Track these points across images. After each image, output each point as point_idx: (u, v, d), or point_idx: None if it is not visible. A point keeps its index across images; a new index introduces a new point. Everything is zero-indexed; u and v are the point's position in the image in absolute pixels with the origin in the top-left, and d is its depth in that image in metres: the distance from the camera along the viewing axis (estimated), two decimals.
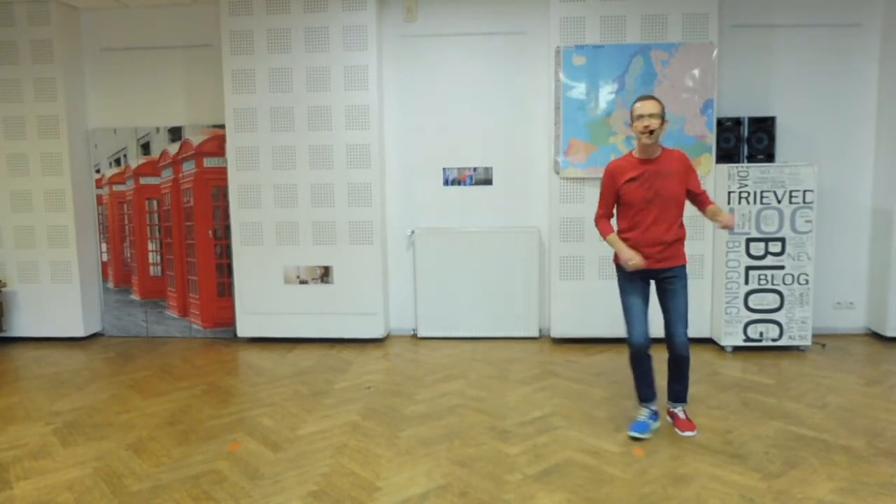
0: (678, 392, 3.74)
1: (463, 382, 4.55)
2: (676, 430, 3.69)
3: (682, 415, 3.75)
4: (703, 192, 3.60)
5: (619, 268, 3.64)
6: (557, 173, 5.35)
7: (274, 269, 5.62)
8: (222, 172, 5.74)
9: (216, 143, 5.75)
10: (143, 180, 5.95)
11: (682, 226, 3.58)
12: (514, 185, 5.72)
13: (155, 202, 5.97)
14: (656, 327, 3.70)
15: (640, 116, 3.42)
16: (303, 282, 5.62)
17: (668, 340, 3.65)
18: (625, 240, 3.57)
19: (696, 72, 5.19)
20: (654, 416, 3.75)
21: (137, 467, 3.35)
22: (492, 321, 5.65)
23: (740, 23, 5.46)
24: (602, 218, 3.66)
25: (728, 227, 3.46)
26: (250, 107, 5.50)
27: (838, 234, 5.60)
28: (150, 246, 6.01)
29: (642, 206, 3.50)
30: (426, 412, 4.01)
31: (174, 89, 5.91)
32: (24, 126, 5.69)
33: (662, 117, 3.44)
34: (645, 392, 3.72)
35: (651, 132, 3.40)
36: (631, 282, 3.62)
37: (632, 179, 3.50)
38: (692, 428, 3.67)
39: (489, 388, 4.45)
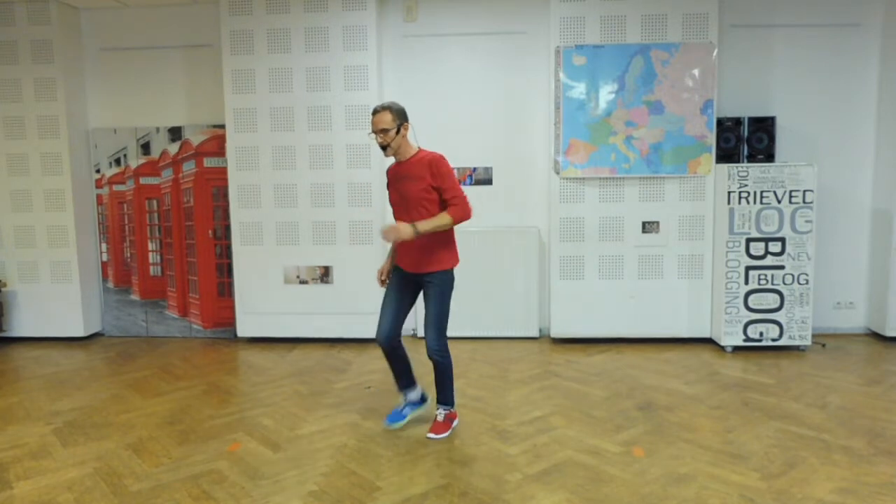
0: (438, 394, 3.73)
1: (463, 382, 4.55)
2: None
3: (439, 416, 3.73)
4: (452, 198, 3.41)
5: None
6: (557, 173, 5.35)
7: (274, 269, 5.62)
8: (222, 172, 5.74)
9: (216, 143, 5.75)
10: (143, 180, 5.95)
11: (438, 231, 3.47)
12: (514, 185, 5.72)
13: (155, 202, 5.97)
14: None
15: (373, 133, 3.47)
16: (303, 282, 5.62)
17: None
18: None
19: (696, 72, 5.19)
20: (412, 405, 3.84)
21: (137, 467, 3.35)
22: (492, 321, 5.65)
23: (740, 23, 5.46)
24: None
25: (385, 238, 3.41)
26: (250, 107, 5.50)
27: (838, 234, 5.60)
28: (150, 246, 6.01)
29: (395, 208, 3.57)
30: (426, 412, 4.00)
31: (174, 89, 5.91)
32: (24, 126, 5.69)
33: (397, 127, 3.43)
34: (398, 382, 3.81)
35: (385, 147, 3.46)
36: (394, 277, 3.70)
37: (389, 182, 3.60)
38: (437, 431, 3.66)
39: (489, 388, 4.44)
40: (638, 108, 5.24)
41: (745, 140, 5.34)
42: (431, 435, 3.65)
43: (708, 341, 5.46)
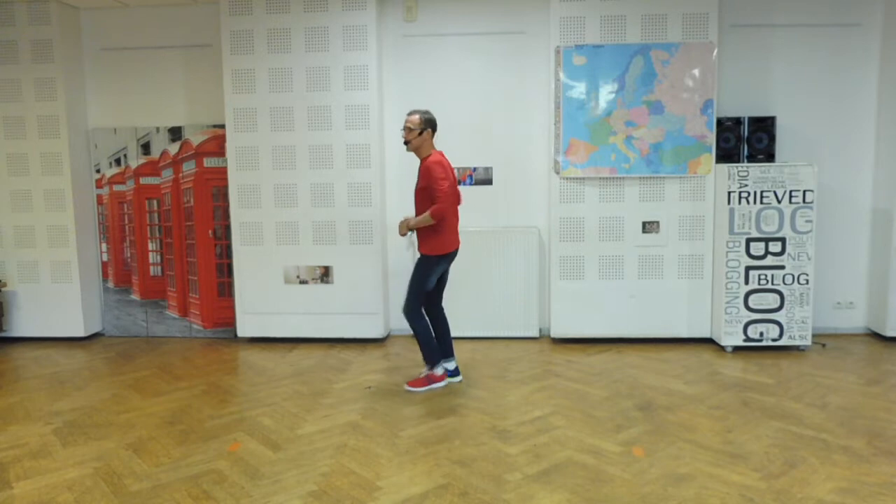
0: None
1: (463, 382, 4.55)
2: None
3: (421, 373, 4.58)
4: (434, 198, 4.16)
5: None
6: (557, 173, 5.35)
7: (274, 269, 5.62)
8: (222, 172, 5.74)
9: (216, 143, 5.75)
10: (143, 180, 5.95)
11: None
12: (514, 185, 5.72)
13: (155, 202, 5.97)
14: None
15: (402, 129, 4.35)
16: (303, 282, 5.62)
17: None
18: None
19: (696, 72, 5.19)
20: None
21: (137, 467, 3.35)
22: (492, 321, 5.65)
23: (740, 23, 5.46)
24: None
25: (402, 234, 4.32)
26: (250, 107, 5.50)
27: (838, 234, 5.60)
28: (151, 246, 6.01)
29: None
30: (426, 412, 4.01)
31: (174, 89, 5.91)
32: (24, 126, 5.69)
33: (420, 131, 4.23)
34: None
35: (406, 143, 4.28)
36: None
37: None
38: (414, 384, 4.45)
39: (489, 388, 4.45)
40: (638, 108, 5.24)
41: (745, 140, 5.34)
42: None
43: (708, 341, 5.46)
